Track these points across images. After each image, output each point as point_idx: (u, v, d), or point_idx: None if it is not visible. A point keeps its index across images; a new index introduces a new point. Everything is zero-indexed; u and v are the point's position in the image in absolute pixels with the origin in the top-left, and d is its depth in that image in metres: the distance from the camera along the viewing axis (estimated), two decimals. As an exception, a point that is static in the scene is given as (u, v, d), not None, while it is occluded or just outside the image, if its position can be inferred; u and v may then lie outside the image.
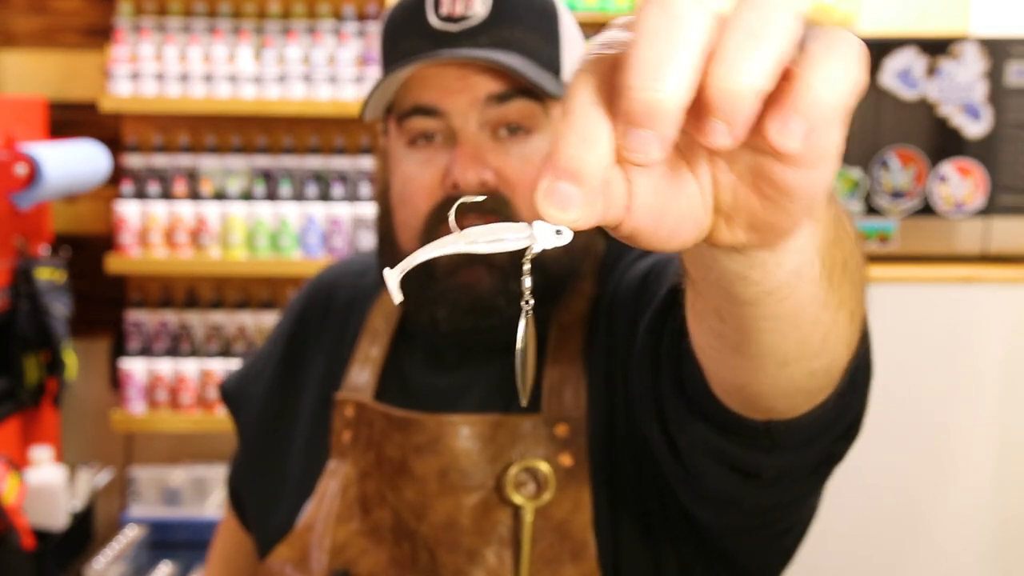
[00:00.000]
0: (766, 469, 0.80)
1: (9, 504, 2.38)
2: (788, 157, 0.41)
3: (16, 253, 2.81)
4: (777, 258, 0.50)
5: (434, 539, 1.02)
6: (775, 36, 0.39)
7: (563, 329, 1.06)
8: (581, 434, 1.01)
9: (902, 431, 2.12)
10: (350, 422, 1.10)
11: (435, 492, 1.03)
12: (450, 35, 0.99)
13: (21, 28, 3.53)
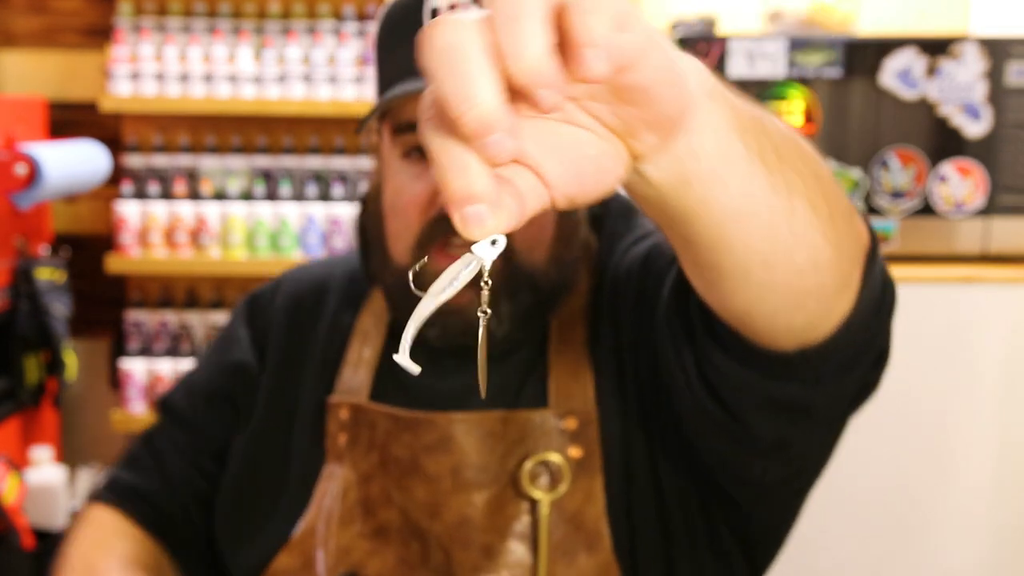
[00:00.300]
0: (814, 403, 0.83)
1: (9, 504, 2.39)
2: (615, 72, 0.47)
3: (16, 253, 2.82)
4: (691, 145, 0.56)
5: (448, 537, 1.02)
6: (528, 10, 0.45)
7: (564, 324, 1.07)
8: (591, 426, 1.02)
9: (902, 431, 2.12)
10: (345, 425, 1.09)
11: (448, 490, 1.03)
12: None
13: (21, 28, 3.53)
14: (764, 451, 0.93)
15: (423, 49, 0.47)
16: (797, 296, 0.70)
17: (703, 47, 2.12)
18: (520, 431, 1.03)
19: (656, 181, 0.57)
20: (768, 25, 2.51)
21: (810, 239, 0.66)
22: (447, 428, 1.03)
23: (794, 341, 0.76)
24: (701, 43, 2.12)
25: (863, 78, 2.12)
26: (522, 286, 1.01)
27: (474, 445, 1.03)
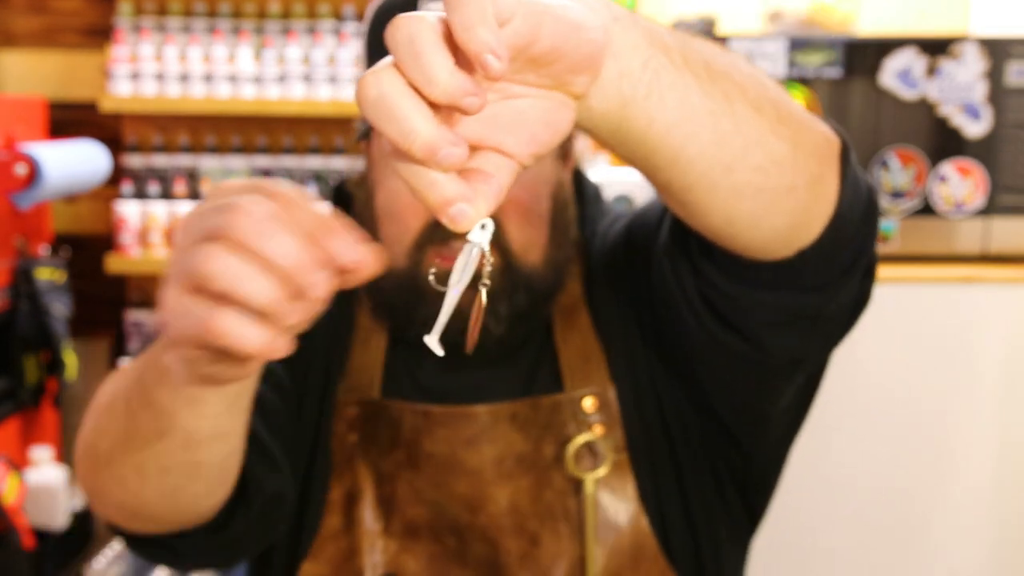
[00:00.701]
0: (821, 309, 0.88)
1: (9, 504, 2.39)
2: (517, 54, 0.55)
3: (16, 253, 2.81)
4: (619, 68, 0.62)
5: (495, 528, 1.03)
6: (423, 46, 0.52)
7: (565, 311, 1.09)
8: (610, 405, 1.05)
9: (902, 431, 2.13)
10: (355, 423, 1.08)
11: (492, 481, 1.04)
12: None
13: (21, 28, 3.53)
14: (777, 371, 0.98)
15: (362, 107, 0.55)
16: (768, 196, 0.74)
17: (703, 47, 2.12)
18: (547, 416, 1.05)
19: (601, 110, 0.63)
20: (768, 25, 2.51)
21: (761, 138, 0.71)
22: (489, 419, 1.04)
23: (785, 246, 0.80)
24: (701, 43, 2.12)
25: (863, 78, 2.12)
26: (519, 287, 1.02)
27: (514, 434, 1.04)
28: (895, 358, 2.10)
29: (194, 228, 0.61)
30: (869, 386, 2.10)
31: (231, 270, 0.58)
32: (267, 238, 0.58)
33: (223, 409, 0.74)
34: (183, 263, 0.60)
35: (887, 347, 2.10)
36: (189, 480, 0.81)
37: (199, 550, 0.94)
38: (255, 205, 0.59)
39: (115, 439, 0.81)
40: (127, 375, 0.81)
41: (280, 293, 0.59)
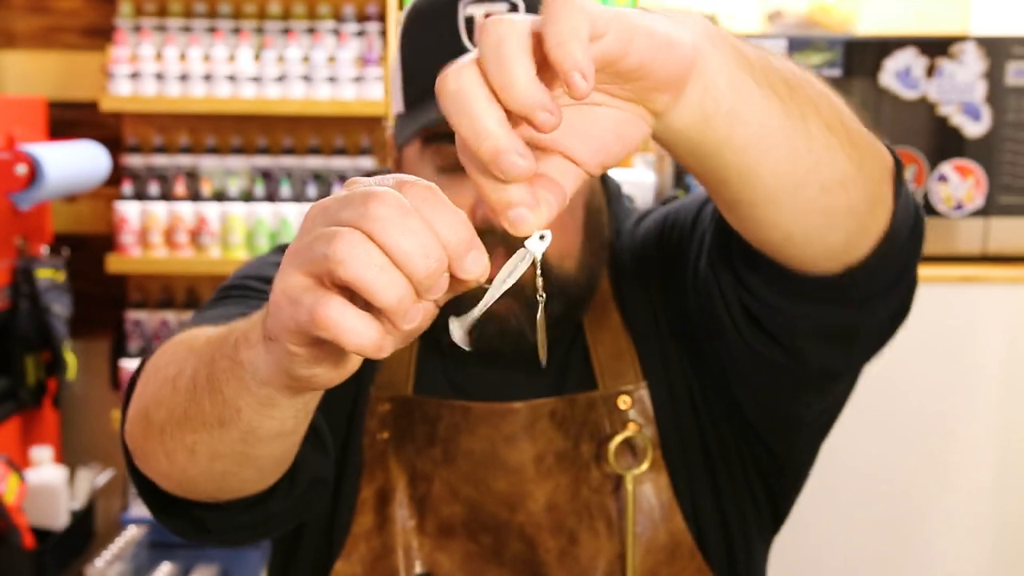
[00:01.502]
0: (861, 325, 0.89)
1: (10, 504, 2.39)
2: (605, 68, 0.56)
3: (16, 253, 2.82)
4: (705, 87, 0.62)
5: (534, 526, 1.03)
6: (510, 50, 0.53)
7: (595, 308, 1.09)
8: (643, 402, 1.06)
9: (901, 431, 2.13)
10: (386, 420, 1.07)
11: (532, 478, 1.04)
12: None
13: (21, 28, 3.53)
14: (813, 382, 0.99)
15: (440, 97, 0.54)
16: (830, 215, 0.75)
17: (703, 47, 2.12)
18: (583, 414, 1.05)
19: (680, 127, 0.63)
20: (768, 25, 2.52)
21: (831, 158, 0.72)
22: (530, 416, 1.04)
23: (835, 263, 0.80)
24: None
25: (863, 78, 2.12)
26: (554, 296, 1.01)
27: (554, 431, 1.04)
28: (894, 358, 2.10)
29: (326, 215, 0.58)
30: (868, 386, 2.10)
31: (364, 259, 0.55)
32: (408, 233, 0.55)
33: (292, 413, 0.72)
34: (308, 249, 0.57)
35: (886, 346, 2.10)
36: (241, 468, 0.79)
37: (231, 525, 0.92)
38: (396, 197, 0.56)
39: (171, 412, 0.78)
40: (198, 348, 0.77)
41: (409, 293, 0.56)
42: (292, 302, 0.58)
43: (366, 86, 3.37)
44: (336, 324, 0.56)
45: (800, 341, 0.91)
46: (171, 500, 0.88)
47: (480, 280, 0.59)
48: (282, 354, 0.62)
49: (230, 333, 0.70)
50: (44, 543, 2.51)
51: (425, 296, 0.57)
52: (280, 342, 0.61)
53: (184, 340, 0.82)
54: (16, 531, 2.41)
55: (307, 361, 0.62)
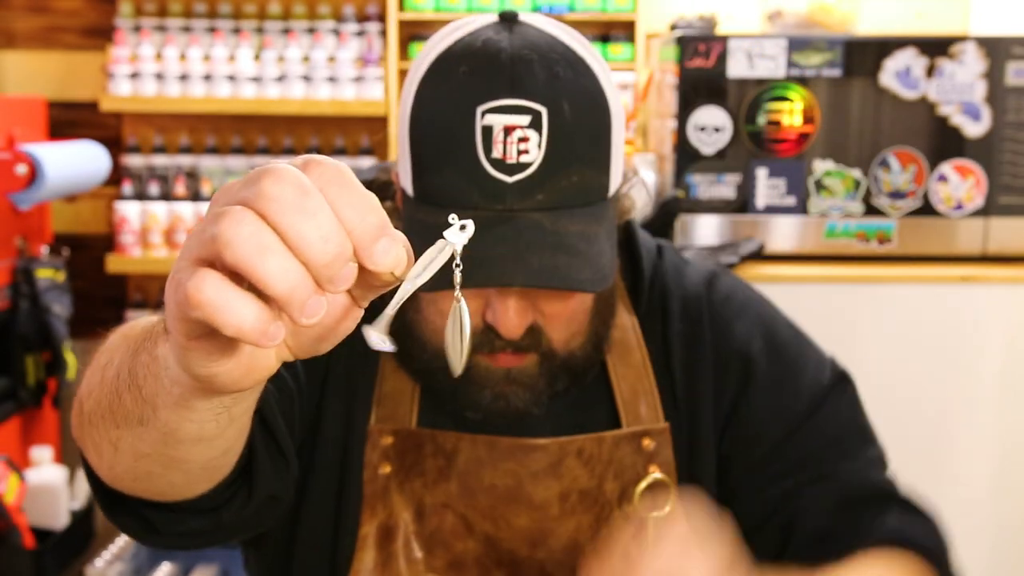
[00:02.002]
0: None
1: (9, 504, 2.39)
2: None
3: (16, 253, 2.82)
4: None
5: (554, 563, 1.02)
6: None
7: (618, 345, 1.06)
8: (666, 446, 1.04)
9: (901, 431, 2.13)
10: (388, 454, 1.02)
11: (556, 516, 1.02)
12: (504, 187, 0.89)
13: (21, 28, 3.53)
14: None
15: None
16: None
17: (703, 47, 2.12)
18: (609, 452, 1.03)
19: None
20: (768, 25, 2.52)
21: None
22: (559, 453, 1.01)
23: None
24: (701, 43, 2.12)
25: (863, 78, 2.12)
26: (559, 375, 1.00)
27: (580, 469, 1.02)
28: (894, 358, 2.10)
29: (227, 195, 0.52)
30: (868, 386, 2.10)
31: (253, 240, 0.49)
32: (305, 214, 0.50)
33: (211, 416, 0.65)
34: (200, 231, 0.51)
35: (886, 347, 2.10)
36: (166, 470, 0.73)
37: (179, 529, 0.86)
38: (295, 174, 0.51)
39: (98, 403, 0.72)
40: (132, 337, 0.70)
41: (306, 282, 0.50)
42: (176, 285, 0.52)
43: (366, 86, 3.37)
44: (209, 301, 0.49)
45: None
46: (121, 497, 0.83)
47: (395, 272, 0.53)
48: (177, 348, 0.56)
49: (156, 324, 0.64)
50: (44, 543, 2.51)
51: (327, 287, 0.51)
52: (172, 334, 0.55)
53: (125, 328, 0.76)
54: (16, 531, 2.41)
55: (201, 357, 0.55)
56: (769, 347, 1.08)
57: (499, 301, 0.94)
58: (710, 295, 1.10)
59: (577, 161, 0.92)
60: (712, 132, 2.13)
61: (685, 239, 2.16)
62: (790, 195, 2.15)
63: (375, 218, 0.52)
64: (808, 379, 1.08)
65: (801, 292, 2.09)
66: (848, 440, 1.08)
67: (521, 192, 0.90)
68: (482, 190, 0.90)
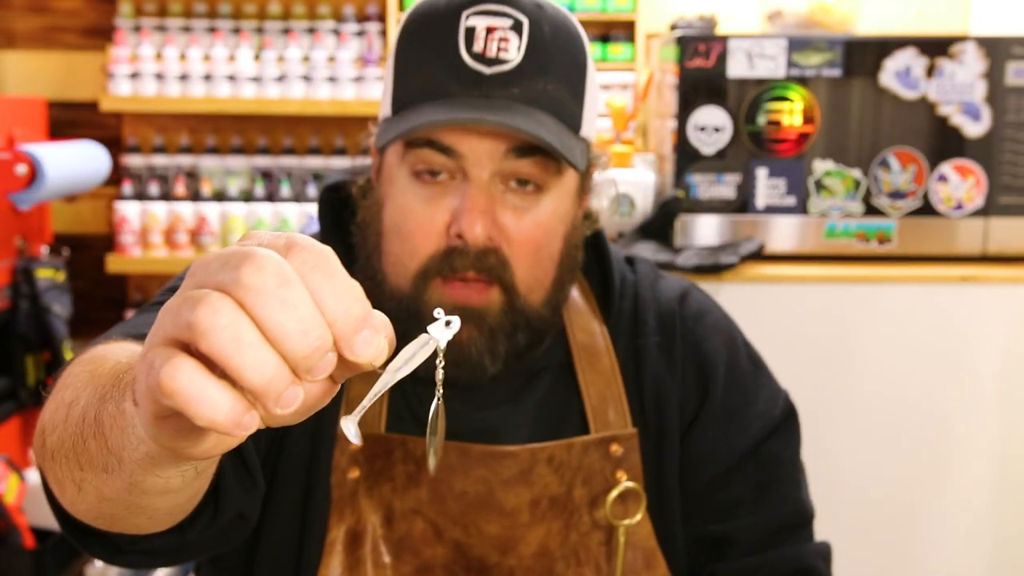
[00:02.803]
0: None
1: (9, 504, 2.39)
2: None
3: (16, 253, 2.82)
4: None
5: (523, 569, 1.02)
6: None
7: (587, 351, 1.07)
8: (634, 451, 1.04)
9: (900, 431, 2.13)
10: (357, 459, 1.02)
11: (526, 523, 1.02)
12: (482, 78, 0.95)
13: (21, 28, 3.53)
14: None
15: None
16: None
17: (703, 47, 2.12)
18: (578, 459, 1.03)
19: None
20: (768, 25, 2.52)
21: None
22: (529, 460, 1.02)
23: None
24: (701, 43, 2.12)
25: (863, 78, 2.12)
26: (519, 327, 1.00)
27: (551, 476, 1.02)
28: (894, 358, 2.10)
29: (205, 272, 0.51)
30: (868, 386, 2.10)
31: (230, 330, 0.48)
32: (285, 305, 0.49)
33: (177, 474, 0.63)
34: (176, 311, 0.49)
35: (886, 347, 2.10)
36: (130, 514, 0.71)
37: (142, 548, 0.85)
38: (276, 262, 0.49)
39: (61, 441, 0.69)
40: (99, 376, 0.68)
41: (283, 373, 0.49)
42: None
43: (366, 86, 3.37)
44: (182, 391, 0.48)
45: None
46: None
47: (373, 364, 0.52)
48: (145, 424, 0.54)
49: (126, 372, 0.62)
50: (44, 543, 2.51)
51: (305, 377, 0.50)
52: (142, 410, 0.53)
53: (93, 359, 0.74)
54: (16, 531, 2.41)
55: (169, 434, 0.53)
56: (728, 375, 1.10)
57: (467, 200, 0.95)
58: (683, 310, 1.12)
59: (553, 76, 0.97)
60: (712, 132, 2.13)
61: (685, 239, 2.16)
62: (790, 195, 2.15)
63: (358, 309, 0.51)
64: (757, 411, 1.10)
65: (801, 292, 2.09)
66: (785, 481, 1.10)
67: (497, 83, 0.95)
68: (460, 79, 0.95)
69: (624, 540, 1.02)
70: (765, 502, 1.07)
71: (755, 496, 1.07)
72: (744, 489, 1.07)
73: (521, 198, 0.98)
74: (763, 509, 1.06)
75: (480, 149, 0.95)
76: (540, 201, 0.99)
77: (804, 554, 1.06)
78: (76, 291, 3.01)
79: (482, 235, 0.96)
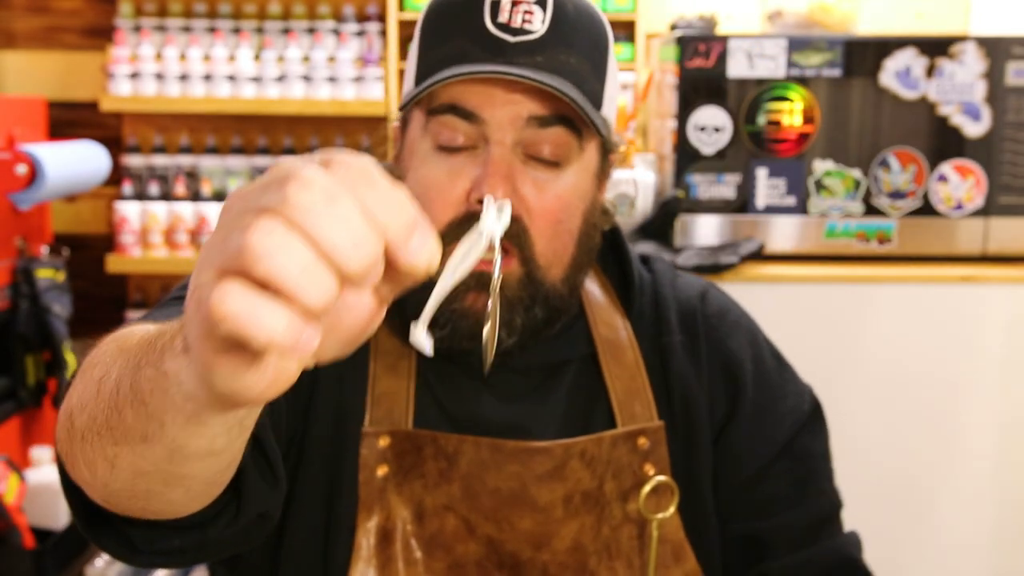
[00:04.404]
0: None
1: (9, 504, 2.39)
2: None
3: (16, 253, 2.81)
4: None
5: (557, 564, 1.02)
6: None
7: (610, 344, 1.08)
8: (661, 444, 1.05)
9: (900, 431, 2.13)
10: (385, 455, 1.01)
11: (560, 518, 1.02)
12: (506, 45, 0.96)
13: (21, 28, 3.53)
14: None
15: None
16: None
17: (703, 47, 2.12)
18: (608, 453, 1.03)
19: None
20: (768, 25, 2.52)
21: None
22: (563, 455, 1.01)
23: None
24: (701, 43, 2.12)
25: (863, 78, 2.13)
26: (537, 300, 0.99)
27: (583, 471, 1.02)
28: (894, 358, 2.11)
29: (245, 202, 0.50)
30: (869, 386, 2.10)
31: (285, 251, 0.47)
32: (337, 221, 0.48)
33: (223, 431, 0.62)
34: (222, 242, 0.49)
35: (886, 347, 2.10)
36: (167, 488, 0.69)
37: (161, 548, 0.82)
38: (322, 178, 0.49)
39: (92, 419, 0.67)
40: (129, 349, 0.66)
41: (336, 289, 0.48)
42: (198, 303, 0.49)
43: (366, 86, 3.37)
44: (236, 313, 0.47)
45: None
46: (100, 513, 0.79)
47: (430, 267, 0.51)
48: (201, 366, 0.52)
49: (159, 337, 0.60)
50: (44, 543, 2.51)
51: (356, 288, 0.50)
52: (196, 351, 0.52)
53: (118, 337, 0.72)
54: (16, 531, 2.41)
55: (227, 373, 0.51)
56: (756, 373, 1.11)
57: (489, 165, 0.96)
58: (704, 309, 1.12)
59: (576, 50, 0.99)
60: (712, 132, 2.13)
61: (685, 239, 2.16)
62: (790, 195, 2.15)
63: (407, 215, 0.50)
64: (788, 407, 1.11)
65: (801, 292, 2.09)
66: (819, 475, 1.12)
67: (521, 50, 0.96)
68: (484, 47, 0.96)
69: (657, 534, 1.03)
70: (803, 497, 1.08)
71: (793, 492, 1.08)
72: (781, 485, 1.08)
73: (542, 170, 0.98)
74: (802, 504, 1.08)
75: (502, 115, 0.96)
76: (561, 175, 0.99)
77: (842, 545, 1.09)
78: (76, 291, 3.01)
79: (503, 198, 0.95)
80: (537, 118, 0.96)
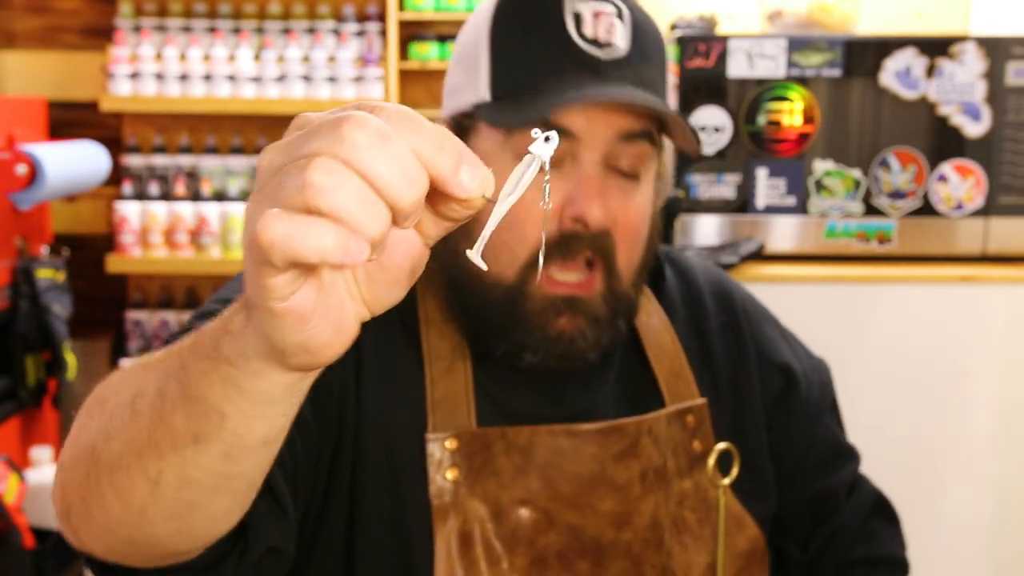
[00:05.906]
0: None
1: (9, 504, 2.39)
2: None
3: (16, 253, 2.82)
4: None
5: (641, 541, 1.03)
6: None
7: (649, 328, 1.10)
8: (705, 420, 1.08)
9: (900, 431, 2.13)
10: (453, 459, 0.99)
11: (639, 495, 1.03)
12: (599, 62, 0.96)
13: (21, 28, 3.53)
14: None
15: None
16: None
17: (703, 47, 2.12)
18: (666, 429, 1.06)
19: None
20: (768, 25, 2.52)
21: None
22: (636, 433, 1.03)
23: None
24: (701, 43, 2.12)
25: (863, 78, 2.12)
26: (619, 313, 1.00)
27: (652, 448, 1.04)
28: (894, 358, 2.10)
29: (288, 152, 0.51)
30: (869, 386, 2.10)
31: (346, 187, 0.49)
32: (391, 158, 0.50)
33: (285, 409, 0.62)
34: (277, 186, 0.50)
35: (886, 346, 2.10)
36: (214, 495, 0.68)
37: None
38: (373, 120, 0.50)
39: (129, 442, 0.66)
40: (159, 364, 0.66)
41: (389, 223, 0.50)
42: (250, 247, 0.51)
43: (366, 86, 3.37)
44: (284, 234, 0.48)
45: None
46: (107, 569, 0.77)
47: (485, 194, 0.54)
48: (268, 321, 0.53)
49: (201, 336, 0.61)
50: (44, 543, 2.51)
51: (402, 225, 0.52)
52: (260, 305, 0.53)
53: (131, 367, 0.71)
54: (16, 531, 2.41)
55: (294, 322, 0.53)
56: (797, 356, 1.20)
57: (585, 183, 0.96)
58: (736, 292, 1.20)
59: (653, 63, 1.00)
60: (712, 132, 2.13)
61: (685, 239, 2.16)
62: (790, 195, 2.15)
63: (453, 148, 0.52)
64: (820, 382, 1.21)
65: (801, 292, 2.09)
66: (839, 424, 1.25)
67: (612, 66, 0.97)
68: (578, 62, 0.96)
69: (723, 501, 1.06)
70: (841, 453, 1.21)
71: (836, 454, 1.20)
72: (826, 449, 1.18)
73: (623, 183, 0.99)
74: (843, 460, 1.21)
75: (595, 132, 0.96)
76: (639, 187, 1.00)
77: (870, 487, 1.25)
78: (76, 291, 3.01)
79: (602, 217, 0.96)
80: (627, 133, 0.97)
